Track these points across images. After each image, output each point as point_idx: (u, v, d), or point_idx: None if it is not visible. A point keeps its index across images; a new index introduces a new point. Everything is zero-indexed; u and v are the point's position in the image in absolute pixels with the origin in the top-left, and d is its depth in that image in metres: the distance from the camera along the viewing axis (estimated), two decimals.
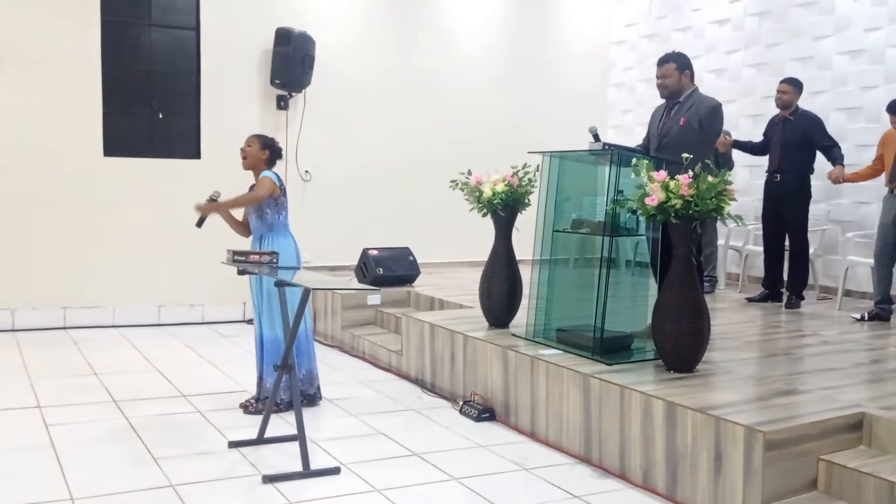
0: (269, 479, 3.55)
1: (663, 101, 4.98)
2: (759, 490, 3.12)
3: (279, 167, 4.79)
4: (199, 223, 4.55)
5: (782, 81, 6.44)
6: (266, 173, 4.57)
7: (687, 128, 4.73)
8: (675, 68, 4.82)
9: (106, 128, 6.96)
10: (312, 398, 4.72)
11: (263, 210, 4.56)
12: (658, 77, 4.89)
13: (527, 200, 4.99)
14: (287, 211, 4.66)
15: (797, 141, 6.28)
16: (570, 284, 5.03)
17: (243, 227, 4.71)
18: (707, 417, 3.32)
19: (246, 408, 4.59)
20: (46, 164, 6.74)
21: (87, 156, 6.87)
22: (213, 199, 4.51)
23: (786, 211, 6.33)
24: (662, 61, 4.87)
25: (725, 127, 7.17)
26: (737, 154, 7.17)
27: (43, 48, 6.70)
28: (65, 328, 6.80)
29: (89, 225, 6.88)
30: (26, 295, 6.71)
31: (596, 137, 4.56)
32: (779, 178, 6.35)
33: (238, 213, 4.72)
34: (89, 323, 6.88)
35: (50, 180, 6.75)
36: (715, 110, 4.76)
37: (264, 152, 4.60)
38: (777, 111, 6.49)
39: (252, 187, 4.63)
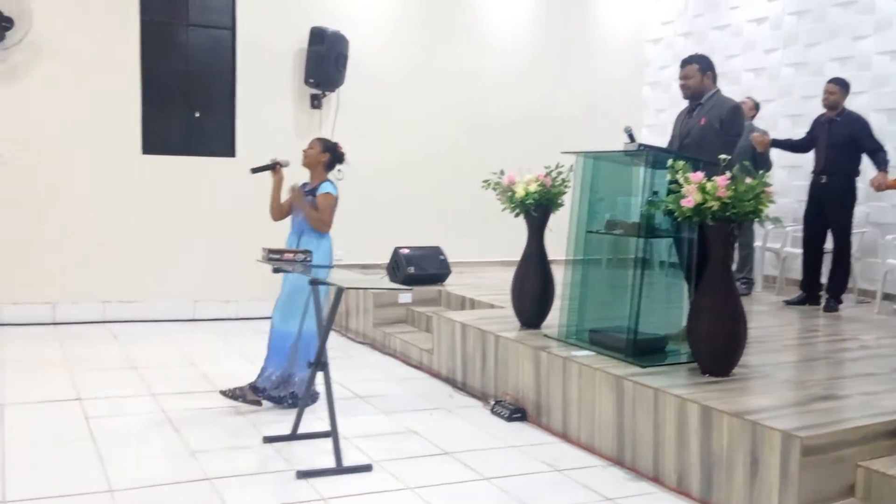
0: (303, 474, 3.59)
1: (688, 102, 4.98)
2: (796, 496, 3.08)
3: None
4: (256, 171, 4.68)
5: (829, 81, 6.31)
6: (328, 188, 4.61)
7: (708, 128, 4.75)
8: (698, 69, 4.86)
9: (145, 126, 7.07)
10: (279, 399, 4.60)
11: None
12: (681, 78, 4.94)
13: (560, 201, 4.97)
14: (334, 216, 4.68)
15: (843, 142, 6.15)
16: (604, 285, 5.00)
17: (278, 210, 4.72)
18: (743, 422, 3.29)
19: (226, 392, 4.65)
20: (86, 162, 6.86)
21: (125, 154, 6.99)
22: (279, 164, 4.68)
23: (831, 213, 6.22)
24: (685, 62, 4.93)
25: (763, 126, 7.14)
26: (776, 154, 7.07)
27: (83, 47, 6.81)
28: (104, 322, 6.92)
29: (128, 221, 6.99)
30: (67, 290, 6.84)
31: (631, 137, 4.54)
32: (825, 180, 6.24)
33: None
34: (128, 317, 6.99)
35: (90, 178, 6.87)
36: (735, 111, 4.80)
37: (325, 155, 4.67)
38: (822, 111, 6.37)
39: (306, 186, 4.67)
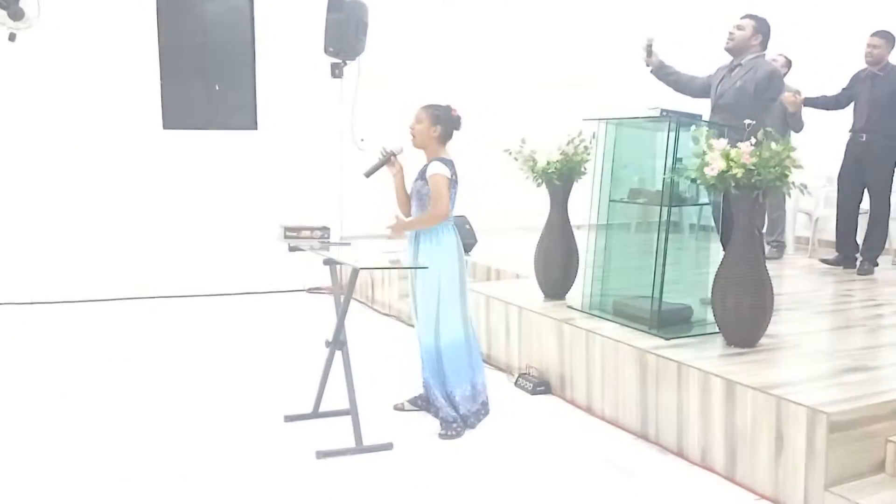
0: (323, 454, 3.58)
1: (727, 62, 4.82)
2: (823, 472, 3.00)
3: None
4: (371, 172, 4.01)
5: (873, 35, 5.99)
6: (438, 168, 3.81)
7: (742, 92, 4.62)
8: (753, 26, 4.69)
9: (164, 101, 7.02)
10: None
11: (425, 201, 3.88)
12: (734, 26, 4.74)
13: (582, 169, 4.86)
14: (454, 201, 3.91)
15: (887, 99, 5.88)
16: (628, 251, 4.89)
17: (407, 206, 4.05)
18: (767, 397, 3.20)
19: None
20: (108, 140, 6.85)
21: (146, 130, 6.95)
22: (392, 154, 3.98)
23: (870, 172, 5.97)
24: (745, 16, 4.75)
25: (797, 84, 6.86)
26: (807, 112, 6.80)
27: (98, 22, 6.74)
28: (136, 298, 6.93)
29: (150, 197, 6.99)
30: (94, 269, 6.86)
31: (649, 51, 4.82)
32: (865, 138, 5.98)
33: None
34: (157, 293, 7.01)
35: (111, 156, 6.86)
36: (771, 76, 4.63)
37: (435, 129, 3.86)
38: (863, 66, 6.08)
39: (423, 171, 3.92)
